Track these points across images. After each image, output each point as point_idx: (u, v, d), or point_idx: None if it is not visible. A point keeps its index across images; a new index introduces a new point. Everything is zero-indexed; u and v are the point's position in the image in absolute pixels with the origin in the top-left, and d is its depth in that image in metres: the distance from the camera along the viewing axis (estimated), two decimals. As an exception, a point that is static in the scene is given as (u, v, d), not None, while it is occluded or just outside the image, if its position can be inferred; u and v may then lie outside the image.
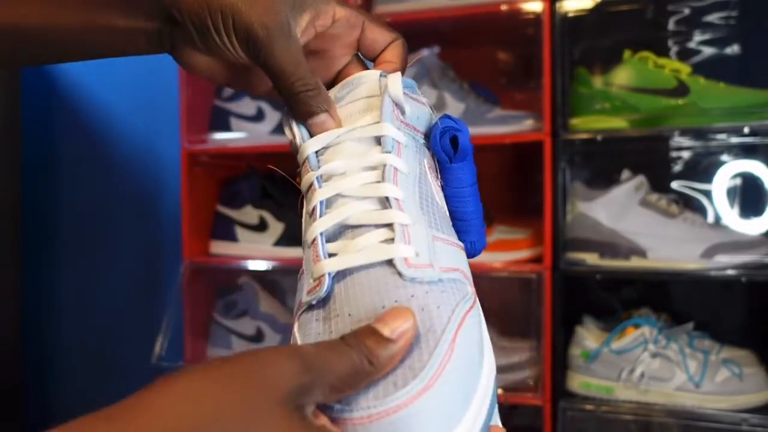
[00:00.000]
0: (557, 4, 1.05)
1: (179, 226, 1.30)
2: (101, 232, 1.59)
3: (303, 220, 0.39)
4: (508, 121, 1.11)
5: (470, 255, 0.39)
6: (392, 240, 0.34)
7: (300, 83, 0.38)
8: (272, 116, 1.29)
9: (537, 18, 1.06)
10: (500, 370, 1.18)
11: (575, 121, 1.08)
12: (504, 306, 1.21)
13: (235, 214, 1.31)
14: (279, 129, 1.29)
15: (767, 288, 1.07)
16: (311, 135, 0.39)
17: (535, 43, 1.06)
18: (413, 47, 0.44)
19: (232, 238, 1.30)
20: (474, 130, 1.12)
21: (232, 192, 1.32)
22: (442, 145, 0.40)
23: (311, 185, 0.37)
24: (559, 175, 1.05)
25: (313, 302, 0.34)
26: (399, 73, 0.39)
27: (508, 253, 1.11)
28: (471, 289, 0.36)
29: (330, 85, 0.44)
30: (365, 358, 0.29)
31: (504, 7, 1.08)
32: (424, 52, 1.19)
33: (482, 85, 1.20)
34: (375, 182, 0.36)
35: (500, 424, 0.39)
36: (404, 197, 0.36)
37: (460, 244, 0.38)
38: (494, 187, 1.25)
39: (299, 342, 0.34)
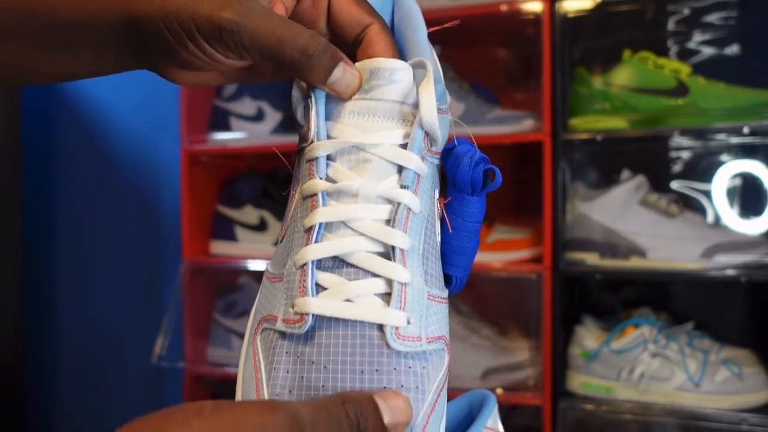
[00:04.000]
0: (557, 4, 1.05)
1: (179, 226, 1.30)
2: (101, 232, 1.59)
3: (290, 213, 0.36)
4: (508, 121, 1.11)
5: (453, 290, 0.37)
6: (388, 296, 0.32)
7: (303, 42, 0.33)
8: (272, 116, 1.29)
9: (537, 18, 1.06)
10: (500, 370, 1.19)
11: (575, 121, 1.08)
12: (504, 306, 1.22)
13: (235, 214, 1.31)
14: (279, 129, 1.29)
15: (767, 288, 1.07)
16: (337, 94, 0.35)
17: (535, 43, 1.06)
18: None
19: (232, 238, 1.30)
20: (474, 130, 1.11)
21: (232, 192, 1.33)
22: (473, 176, 0.35)
23: (313, 196, 0.34)
24: (559, 175, 1.06)
25: (287, 332, 0.33)
26: (433, 97, 0.34)
27: (508, 253, 1.11)
28: (447, 358, 0.35)
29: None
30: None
31: (504, 7, 1.08)
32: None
33: (482, 85, 1.20)
34: (385, 221, 0.33)
35: (500, 426, 0.39)
36: (410, 247, 0.33)
37: (445, 296, 0.36)
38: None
39: (261, 363, 0.33)
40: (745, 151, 1.13)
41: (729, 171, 1.13)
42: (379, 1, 0.38)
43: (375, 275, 0.33)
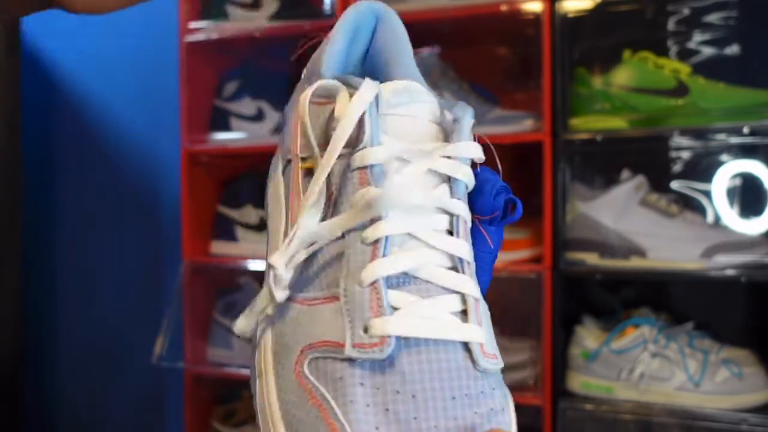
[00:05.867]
0: (557, 4, 1.05)
1: (179, 226, 1.30)
2: (101, 232, 1.59)
3: (326, 224, 0.31)
4: (508, 121, 1.11)
5: None
6: (464, 313, 0.30)
7: None
8: (272, 116, 1.29)
9: (537, 18, 1.06)
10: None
11: (575, 121, 1.08)
12: (504, 306, 1.21)
13: (235, 214, 1.31)
14: (279, 129, 1.29)
15: (767, 288, 1.07)
16: None
17: (535, 43, 1.06)
18: (413, 47, 0.42)
19: (232, 238, 1.30)
20: (473, 130, 1.12)
21: (233, 192, 1.33)
22: (494, 204, 0.33)
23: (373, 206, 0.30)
24: (559, 175, 1.05)
25: (358, 359, 0.28)
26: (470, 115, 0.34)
27: (508, 253, 1.11)
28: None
29: None
30: None
31: (504, 7, 1.08)
32: (424, 52, 1.19)
33: (482, 85, 1.20)
34: (446, 231, 0.31)
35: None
36: (471, 260, 0.31)
37: None
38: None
39: (329, 398, 0.28)
40: (745, 151, 1.13)
41: (729, 171, 1.13)
42: (361, 18, 0.37)
43: (448, 291, 0.30)
